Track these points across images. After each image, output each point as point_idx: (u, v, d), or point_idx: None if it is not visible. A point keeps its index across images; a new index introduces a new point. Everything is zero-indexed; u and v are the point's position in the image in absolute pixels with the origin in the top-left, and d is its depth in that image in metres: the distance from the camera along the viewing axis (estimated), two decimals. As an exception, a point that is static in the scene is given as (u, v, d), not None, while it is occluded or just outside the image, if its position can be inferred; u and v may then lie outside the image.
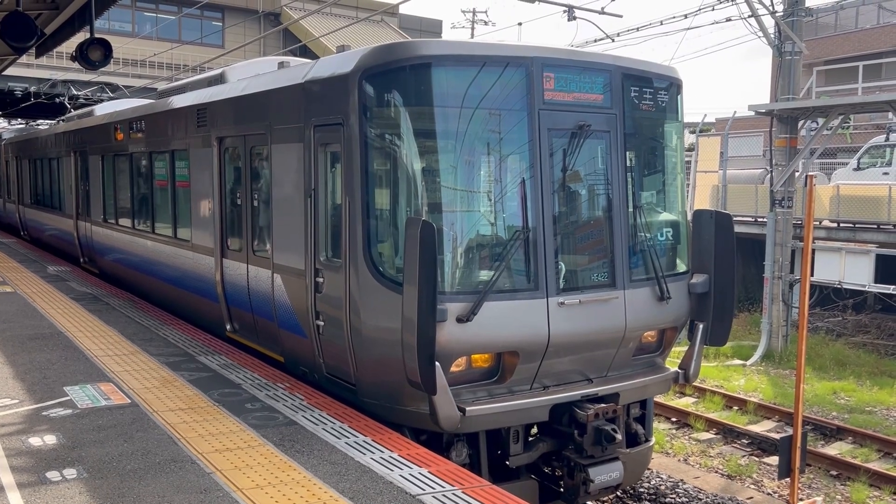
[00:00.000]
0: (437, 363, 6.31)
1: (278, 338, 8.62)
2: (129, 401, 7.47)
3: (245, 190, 9.33)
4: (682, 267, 8.16)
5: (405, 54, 6.82)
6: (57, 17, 13.30)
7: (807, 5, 17.83)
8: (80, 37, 10.55)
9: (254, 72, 10.41)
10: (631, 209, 7.62)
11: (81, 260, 17.22)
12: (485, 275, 6.81)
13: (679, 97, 8.23)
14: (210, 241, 10.18)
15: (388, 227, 7.07)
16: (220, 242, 9.96)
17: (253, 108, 9.00)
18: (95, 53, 10.02)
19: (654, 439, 8.62)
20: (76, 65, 10.63)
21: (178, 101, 11.46)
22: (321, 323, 7.62)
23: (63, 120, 21.45)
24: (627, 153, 7.62)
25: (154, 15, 42.33)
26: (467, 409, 6.68)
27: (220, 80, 11.07)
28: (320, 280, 7.60)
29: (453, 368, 6.72)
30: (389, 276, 6.82)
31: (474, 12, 45.85)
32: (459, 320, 6.57)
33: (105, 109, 17.07)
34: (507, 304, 6.81)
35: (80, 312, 11.86)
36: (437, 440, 7.11)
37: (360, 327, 7.00)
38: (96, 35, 10.22)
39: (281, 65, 9.74)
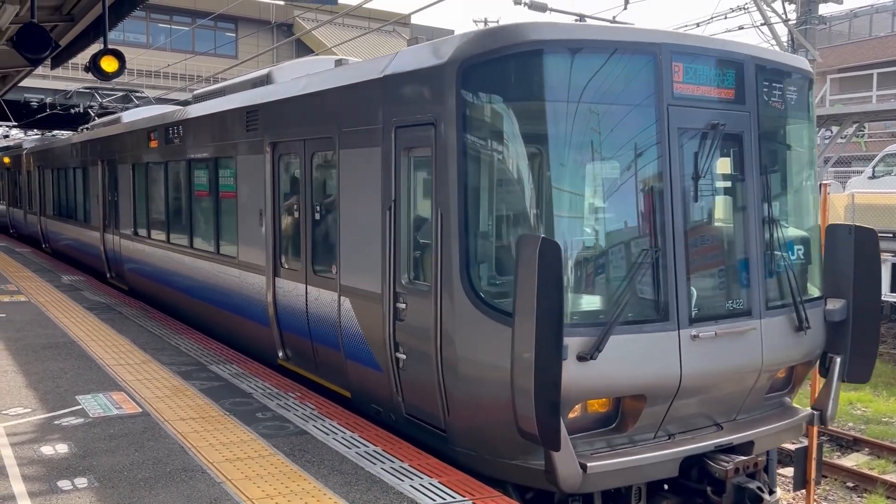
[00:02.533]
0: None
1: (344, 370, 7.69)
2: (141, 410, 7.48)
3: (304, 201, 8.34)
4: (814, 291, 7.13)
5: (512, 40, 5.84)
6: (72, 28, 13.42)
7: (820, 13, 17.76)
8: (95, 48, 10.61)
9: (303, 71, 9.52)
10: (766, 224, 6.64)
11: (108, 275, 16.42)
12: (609, 303, 5.84)
13: (810, 93, 7.25)
14: (260, 257, 9.22)
15: (492, 245, 6.18)
16: (272, 260, 9.01)
17: (316, 109, 8.08)
18: (109, 64, 10.06)
19: (779, 491, 7.55)
20: (91, 75, 10.66)
21: (223, 104, 10.58)
22: (402, 356, 6.68)
23: (87, 128, 20.88)
24: (761, 158, 6.66)
25: (168, 26, 42.72)
26: (588, 464, 5.65)
27: (266, 80, 10.20)
28: (402, 306, 6.66)
29: (569, 415, 5.77)
30: (493, 303, 5.86)
31: (486, 22, 45.90)
32: (581, 358, 5.58)
33: (133, 116, 16.30)
34: (634, 338, 5.83)
35: (92, 321, 11.92)
36: (545, 499, 6.27)
37: (455, 364, 6.05)
38: (110, 46, 10.28)
39: (338, 62, 8.94)
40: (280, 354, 9.08)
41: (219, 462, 6.15)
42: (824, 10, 20.24)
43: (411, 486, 5.76)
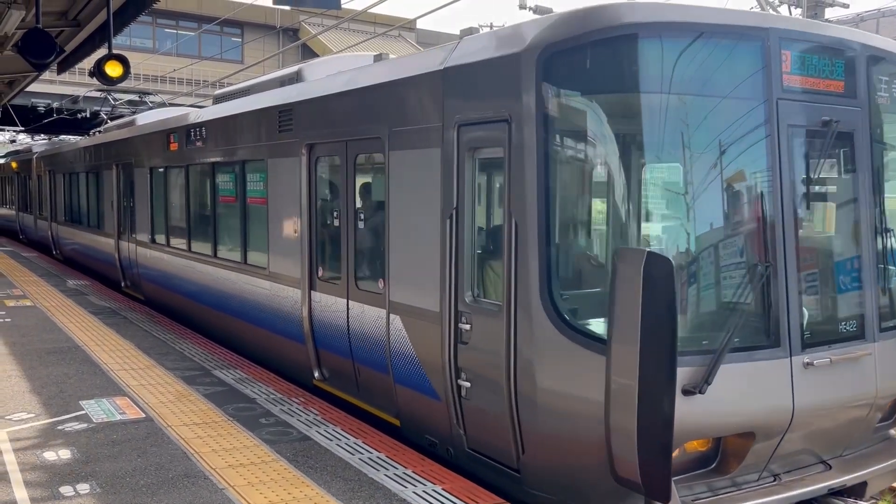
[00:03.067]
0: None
1: (393, 396, 7.02)
2: (144, 415, 7.47)
3: (346, 208, 7.68)
4: None
5: (602, 24, 5.12)
6: (78, 34, 13.47)
7: (826, 18, 17.71)
8: (102, 53, 10.63)
9: (335, 69, 8.92)
10: (880, 234, 5.95)
11: (123, 284, 15.81)
12: (716, 327, 5.18)
13: None
14: (294, 269, 8.52)
15: (578, 258, 5.56)
16: (307, 271, 8.32)
17: (361, 107, 7.40)
18: (113, 69, 10.08)
19: None
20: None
21: (251, 104, 9.87)
22: (465, 383, 6.01)
23: (100, 131, 20.36)
24: (873, 160, 5.96)
25: (174, 31, 42.90)
26: None
27: (296, 78, 9.54)
28: (466, 327, 5.97)
29: None
30: (580, 326, 5.16)
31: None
32: (687, 392, 4.88)
33: (149, 118, 15.71)
34: (744, 367, 5.14)
35: (97, 326, 11.92)
36: None
37: (533, 395, 5.33)
38: (115, 51, 10.30)
39: (378, 57, 8.34)
40: (316, 374, 8.42)
41: (221, 468, 6.13)
42: (831, 14, 20.21)
43: (414, 492, 5.73)
